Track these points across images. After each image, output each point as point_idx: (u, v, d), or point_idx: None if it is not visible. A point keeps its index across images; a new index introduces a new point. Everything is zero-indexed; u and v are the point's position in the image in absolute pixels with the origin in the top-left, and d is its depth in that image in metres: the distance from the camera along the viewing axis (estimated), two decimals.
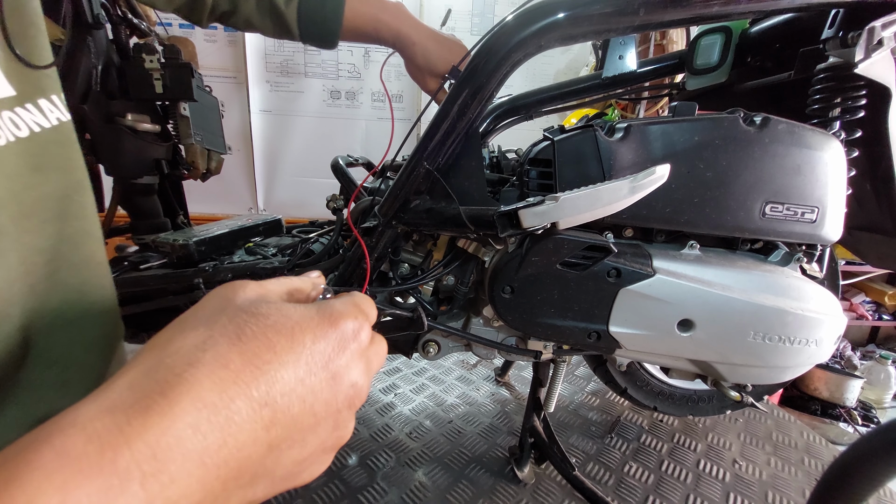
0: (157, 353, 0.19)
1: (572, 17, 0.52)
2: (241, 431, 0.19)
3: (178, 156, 0.93)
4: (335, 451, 0.24)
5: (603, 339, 0.60)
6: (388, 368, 1.12)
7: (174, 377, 0.18)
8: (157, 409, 0.17)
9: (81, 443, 0.16)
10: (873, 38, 0.56)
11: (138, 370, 0.18)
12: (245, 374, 0.19)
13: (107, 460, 0.16)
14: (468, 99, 0.56)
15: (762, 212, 0.58)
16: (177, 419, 0.17)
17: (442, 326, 0.68)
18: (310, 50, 2.14)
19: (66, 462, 0.15)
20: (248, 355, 0.20)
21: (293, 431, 0.21)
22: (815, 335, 0.60)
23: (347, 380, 0.23)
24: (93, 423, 0.16)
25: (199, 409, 0.18)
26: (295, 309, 0.22)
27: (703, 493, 0.77)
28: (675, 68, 0.87)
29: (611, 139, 0.58)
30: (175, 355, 0.19)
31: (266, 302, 0.22)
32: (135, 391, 0.17)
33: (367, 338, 0.25)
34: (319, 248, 0.79)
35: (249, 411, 0.19)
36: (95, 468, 0.15)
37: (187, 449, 0.17)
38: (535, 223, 0.51)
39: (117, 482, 0.15)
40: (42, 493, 0.14)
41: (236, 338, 0.20)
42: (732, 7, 0.53)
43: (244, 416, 0.19)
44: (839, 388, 2.08)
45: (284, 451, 0.21)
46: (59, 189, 0.30)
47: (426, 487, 0.75)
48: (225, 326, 0.20)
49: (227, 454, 0.18)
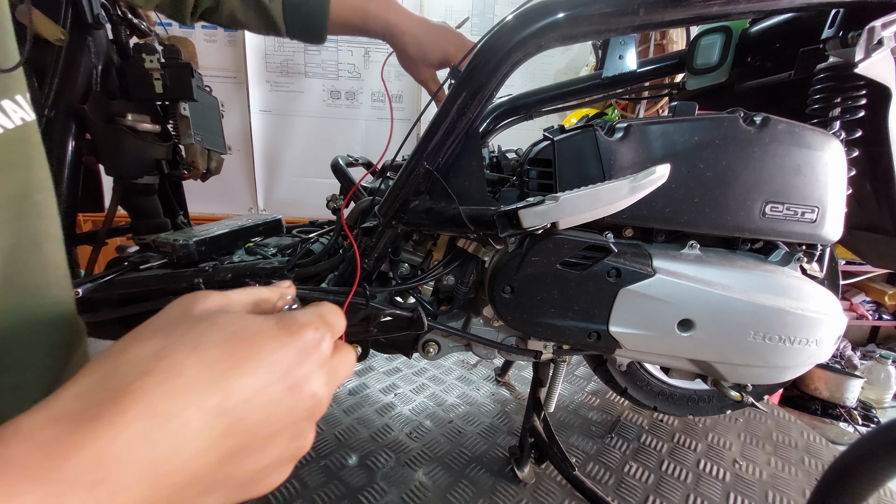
0: (112, 361, 0.19)
1: (572, 17, 0.52)
2: (194, 440, 0.18)
3: (178, 156, 0.93)
4: (294, 461, 0.24)
5: (603, 339, 0.60)
6: (388, 368, 1.12)
7: (126, 385, 0.18)
8: (107, 418, 0.17)
9: (27, 451, 0.16)
10: (873, 37, 0.56)
11: (90, 379, 0.18)
12: (201, 384, 0.19)
13: (54, 467, 0.16)
14: (468, 99, 0.56)
15: (762, 212, 0.58)
16: (126, 427, 0.17)
17: (442, 326, 0.68)
18: (310, 50, 2.14)
19: (12, 469, 0.15)
20: (204, 364, 0.19)
21: (251, 441, 0.21)
22: (815, 335, 0.60)
23: (307, 390, 0.23)
24: (40, 431, 0.16)
25: (149, 417, 0.17)
26: (255, 319, 0.22)
27: (703, 493, 0.77)
28: (675, 68, 0.87)
29: (611, 139, 0.58)
30: (129, 364, 0.19)
31: (226, 312, 0.22)
32: (84, 400, 0.18)
33: (329, 348, 0.24)
34: (319, 248, 0.79)
35: (203, 420, 0.19)
36: (42, 475, 0.15)
37: (138, 457, 0.17)
38: (535, 223, 0.51)
39: (65, 488, 0.16)
40: None
41: (193, 347, 0.20)
42: (732, 7, 0.53)
43: (198, 425, 0.19)
44: (839, 388, 2.08)
45: (241, 461, 0.21)
46: (20, 188, 0.29)
47: (426, 487, 0.75)
48: (182, 335, 0.20)
49: (180, 463, 0.18)
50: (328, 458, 0.81)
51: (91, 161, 0.82)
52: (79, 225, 0.81)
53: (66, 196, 0.74)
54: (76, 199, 0.77)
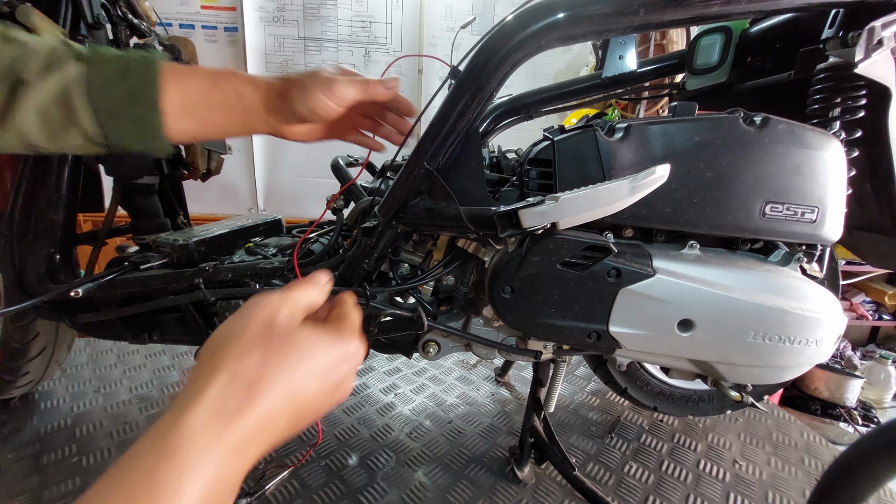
0: (230, 371, 0.28)
1: (572, 17, 0.52)
2: (282, 414, 0.29)
3: (178, 156, 0.93)
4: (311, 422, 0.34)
5: (603, 339, 0.60)
6: (389, 369, 1.12)
7: (248, 389, 0.27)
8: (245, 411, 0.27)
9: (203, 439, 0.25)
10: (873, 38, 0.56)
11: (221, 384, 0.27)
12: (287, 387, 0.29)
13: (223, 440, 0.25)
14: (468, 99, 0.56)
15: (762, 212, 0.58)
16: (255, 415, 0.27)
17: (442, 326, 0.68)
18: (310, 50, 2.14)
19: (200, 445, 0.24)
20: (288, 374, 0.29)
21: (304, 415, 0.31)
22: (815, 335, 0.60)
23: (343, 388, 0.34)
24: (207, 423, 0.25)
25: (264, 406, 0.27)
26: (319, 339, 0.32)
27: (703, 493, 0.77)
28: (675, 68, 0.87)
29: (611, 139, 0.58)
30: (245, 373, 0.28)
31: (297, 330, 0.31)
32: (225, 398, 0.27)
33: (361, 356, 0.35)
34: (319, 248, 0.79)
35: (287, 407, 0.29)
36: (219, 446, 0.25)
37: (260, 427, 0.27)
38: (536, 223, 0.51)
39: (231, 448, 0.25)
40: (191, 459, 0.24)
41: (281, 363, 0.29)
42: (732, 7, 0.53)
43: (285, 409, 0.29)
44: (839, 388, 2.08)
45: (297, 423, 0.31)
46: None
47: (426, 487, 0.75)
48: (272, 352, 0.29)
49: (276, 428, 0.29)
50: (328, 458, 0.81)
51: (91, 161, 0.82)
52: (79, 225, 0.80)
53: (66, 196, 0.74)
54: (76, 199, 0.77)
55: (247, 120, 0.48)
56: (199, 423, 0.25)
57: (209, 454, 0.24)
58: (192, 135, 0.48)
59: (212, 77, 0.47)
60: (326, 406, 0.32)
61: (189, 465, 0.23)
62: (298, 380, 0.29)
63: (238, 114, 0.48)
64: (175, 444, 0.24)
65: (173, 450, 0.23)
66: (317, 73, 0.50)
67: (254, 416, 0.27)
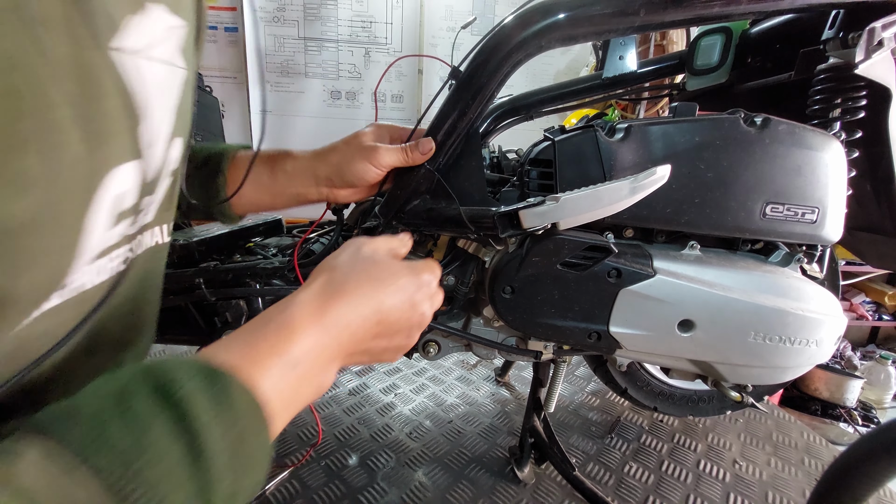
0: (327, 275, 0.35)
1: (573, 17, 0.52)
2: (365, 321, 0.34)
3: None
4: (401, 352, 0.40)
5: (603, 339, 0.60)
6: (389, 368, 1.12)
7: (340, 289, 0.34)
8: (335, 303, 0.33)
9: (307, 313, 0.31)
10: (873, 38, 0.56)
11: (320, 282, 0.34)
12: (370, 297, 0.34)
13: (319, 319, 0.32)
14: (468, 99, 0.56)
15: (762, 212, 0.58)
16: (343, 310, 0.33)
17: (442, 326, 0.68)
18: (310, 50, 2.14)
19: (300, 320, 0.31)
20: (371, 288, 0.35)
21: (386, 331, 0.36)
22: (815, 335, 0.60)
23: (420, 309, 0.38)
24: (309, 305, 0.32)
25: (350, 306, 0.33)
26: (396, 263, 0.38)
27: (703, 494, 0.77)
28: (676, 69, 0.88)
29: (611, 139, 0.58)
30: (337, 279, 0.34)
31: (378, 257, 0.37)
32: (323, 292, 0.33)
33: (435, 285, 0.41)
34: (320, 248, 0.79)
35: (370, 314, 0.34)
36: (318, 323, 0.31)
37: (348, 322, 0.33)
38: (536, 223, 0.51)
39: (326, 330, 0.32)
40: (297, 326, 0.30)
41: (367, 277, 0.35)
42: (733, 8, 0.53)
43: (368, 316, 0.34)
44: (839, 389, 2.08)
45: (378, 341, 0.36)
46: None
47: (426, 487, 0.75)
48: (360, 269, 0.36)
49: (361, 330, 0.34)
50: (329, 457, 0.81)
51: None
52: None
53: None
54: None
55: (300, 193, 0.57)
56: (304, 303, 0.32)
57: (308, 325, 0.31)
58: (251, 211, 0.61)
59: (270, 161, 0.57)
60: (407, 325, 0.37)
61: (296, 330, 0.30)
62: (379, 290, 0.35)
63: (293, 197, 0.58)
64: (287, 314, 0.31)
65: (287, 318, 0.31)
66: (359, 140, 0.56)
67: (343, 308, 0.33)
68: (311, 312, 0.32)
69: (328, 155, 0.56)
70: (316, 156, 0.57)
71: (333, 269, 0.35)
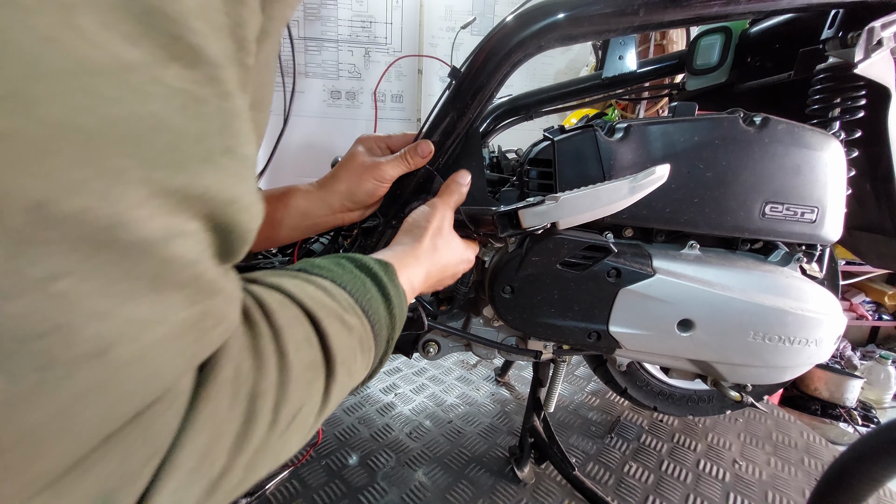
0: (429, 238, 0.48)
1: (572, 17, 0.52)
2: (447, 265, 0.51)
3: None
4: (445, 285, 0.55)
5: (603, 339, 0.60)
6: (389, 368, 1.12)
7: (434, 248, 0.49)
8: (436, 255, 0.49)
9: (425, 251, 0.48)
10: (873, 38, 0.56)
11: (427, 241, 0.48)
12: (452, 254, 0.51)
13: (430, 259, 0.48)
14: (468, 99, 0.56)
15: (762, 212, 0.58)
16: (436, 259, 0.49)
17: (442, 326, 0.68)
18: (310, 49, 2.14)
19: (425, 254, 0.47)
20: (453, 249, 0.52)
21: (450, 274, 0.52)
22: (814, 335, 0.60)
23: (462, 268, 0.55)
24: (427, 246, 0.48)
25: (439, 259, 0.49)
26: (458, 239, 0.54)
27: (703, 493, 0.77)
28: (675, 68, 0.88)
29: (611, 139, 0.58)
30: (432, 243, 0.49)
31: (450, 233, 0.52)
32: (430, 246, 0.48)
33: (473, 261, 0.57)
34: (319, 248, 0.79)
35: (448, 262, 0.51)
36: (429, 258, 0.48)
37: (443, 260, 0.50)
38: (536, 223, 0.51)
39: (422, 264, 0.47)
40: (422, 257, 0.47)
41: (445, 244, 0.51)
42: (732, 7, 0.53)
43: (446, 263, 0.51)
44: (839, 388, 2.08)
45: (444, 277, 0.52)
46: None
47: (426, 487, 0.75)
48: (442, 237, 0.50)
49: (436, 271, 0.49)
50: (329, 457, 0.81)
51: None
52: None
53: None
54: None
55: (316, 224, 0.59)
56: (424, 250, 0.47)
57: (424, 264, 0.46)
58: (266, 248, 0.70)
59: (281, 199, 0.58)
60: (454, 274, 0.53)
61: (420, 264, 0.46)
62: (448, 256, 0.50)
63: (309, 228, 0.59)
64: (415, 251, 0.46)
65: (416, 254, 0.46)
66: (358, 162, 0.57)
67: (436, 259, 0.48)
68: (427, 250, 0.47)
69: (334, 184, 0.57)
70: (322, 187, 0.58)
71: (431, 235, 0.49)
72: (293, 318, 0.28)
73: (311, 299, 0.29)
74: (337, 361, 0.29)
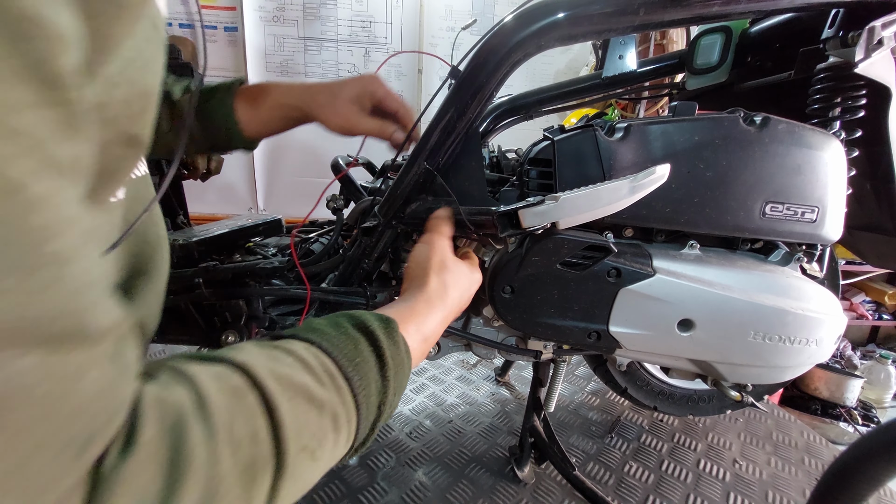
0: (436, 277, 0.48)
1: (572, 17, 0.52)
2: (460, 299, 0.50)
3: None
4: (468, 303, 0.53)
5: (603, 338, 0.60)
6: None
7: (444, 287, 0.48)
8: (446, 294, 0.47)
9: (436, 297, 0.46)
10: (873, 37, 0.56)
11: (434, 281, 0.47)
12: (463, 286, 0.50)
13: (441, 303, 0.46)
14: (468, 99, 0.56)
15: (762, 211, 0.58)
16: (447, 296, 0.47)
17: None
18: (310, 50, 2.14)
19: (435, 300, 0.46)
20: (461, 281, 0.50)
21: (459, 301, 0.50)
22: (815, 335, 0.60)
23: (473, 290, 0.53)
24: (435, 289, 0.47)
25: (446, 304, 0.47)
26: (464, 265, 0.52)
27: (703, 493, 0.77)
28: (675, 68, 0.88)
29: (611, 139, 0.58)
30: (441, 280, 0.48)
31: (455, 263, 0.51)
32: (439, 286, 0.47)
33: (479, 282, 0.55)
34: (319, 248, 0.79)
35: (461, 295, 0.50)
36: (440, 304, 0.46)
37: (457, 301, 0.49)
38: (536, 223, 0.51)
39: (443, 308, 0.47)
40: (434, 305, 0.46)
41: (454, 278, 0.49)
42: (732, 7, 0.53)
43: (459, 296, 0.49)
44: (839, 388, 2.08)
45: (458, 308, 0.50)
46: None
47: (426, 487, 0.75)
48: (445, 279, 0.48)
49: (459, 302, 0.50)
50: None
51: None
52: None
53: None
54: None
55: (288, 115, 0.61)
56: (434, 291, 0.46)
57: (437, 306, 0.46)
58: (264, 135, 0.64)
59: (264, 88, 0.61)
60: (463, 307, 0.52)
61: (432, 308, 0.45)
62: (459, 288, 0.49)
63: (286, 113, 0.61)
64: (425, 296, 0.46)
65: (427, 298, 0.46)
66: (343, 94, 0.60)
67: (447, 299, 0.47)
68: (437, 291, 0.46)
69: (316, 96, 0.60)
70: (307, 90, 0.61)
71: (437, 273, 0.48)
72: (240, 412, 0.25)
73: (276, 381, 0.27)
74: (290, 453, 0.26)
